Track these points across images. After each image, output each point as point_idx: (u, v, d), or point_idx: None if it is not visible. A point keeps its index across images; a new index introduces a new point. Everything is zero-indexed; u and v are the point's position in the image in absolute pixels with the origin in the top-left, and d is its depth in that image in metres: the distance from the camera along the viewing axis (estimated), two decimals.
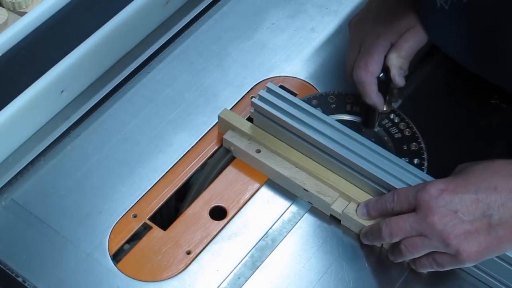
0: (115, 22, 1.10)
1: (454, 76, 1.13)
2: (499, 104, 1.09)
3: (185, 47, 1.16)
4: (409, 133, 1.05)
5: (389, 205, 0.93)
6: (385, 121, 1.06)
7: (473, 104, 1.10)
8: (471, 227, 0.87)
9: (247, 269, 0.96)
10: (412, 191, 0.92)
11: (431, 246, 0.90)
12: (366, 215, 0.96)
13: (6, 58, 1.06)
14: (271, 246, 0.97)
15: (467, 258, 0.88)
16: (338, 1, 1.21)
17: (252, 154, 1.02)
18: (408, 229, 0.90)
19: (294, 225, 0.99)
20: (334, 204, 0.98)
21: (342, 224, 0.99)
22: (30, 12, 1.09)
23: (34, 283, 0.94)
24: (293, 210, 1.00)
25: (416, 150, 1.03)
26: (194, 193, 1.03)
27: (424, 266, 0.93)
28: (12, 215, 0.99)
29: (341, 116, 1.06)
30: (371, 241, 0.96)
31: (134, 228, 0.98)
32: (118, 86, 1.11)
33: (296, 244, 0.98)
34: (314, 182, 0.99)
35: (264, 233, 0.98)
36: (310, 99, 1.07)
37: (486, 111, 1.09)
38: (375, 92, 1.01)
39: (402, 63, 1.01)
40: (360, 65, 1.01)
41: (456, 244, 0.87)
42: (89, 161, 1.04)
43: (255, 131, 1.03)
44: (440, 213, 0.88)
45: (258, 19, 1.19)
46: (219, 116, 1.05)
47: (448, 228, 0.88)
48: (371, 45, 1.01)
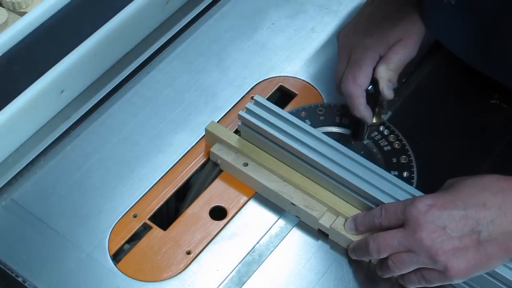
0: (115, 22, 1.10)
1: (454, 76, 1.13)
2: (499, 104, 1.09)
3: (185, 47, 1.16)
4: (399, 146, 1.03)
5: (377, 220, 0.92)
6: (375, 133, 1.05)
7: (473, 104, 1.10)
8: (460, 243, 0.86)
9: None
10: (400, 206, 0.90)
11: (419, 262, 0.88)
12: (354, 229, 0.95)
13: (6, 58, 1.06)
14: (258, 261, 0.96)
15: (455, 275, 0.87)
16: (338, 1, 1.21)
17: (239, 167, 1.00)
18: (396, 245, 0.89)
19: (281, 240, 0.98)
20: (322, 219, 0.97)
21: (330, 239, 0.97)
22: (30, 12, 1.09)
23: (34, 283, 0.94)
24: (281, 225, 0.99)
25: (405, 163, 1.02)
26: (194, 193, 1.03)
27: (413, 282, 0.91)
28: (12, 215, 0.99)
29: (330, 128, 1.05)
30: (359, 257, 0.95)
31: (134, 228, 0.98)
32: (118, 86, 1.11)
33: (296, 244, 0.98)
34: (302, 196, 0.98)
35: (251, 248, 0.96)
36: (298, 111, 1.06)
37: (486, 111, 1.09)
38: (364, 104, 1.01)
39: (391, 76, 1.01)
40: (348, 78, 1.00)
41: (445, 260, 0.86)
42: (89, 161, 1.04)
43: (242, 144, 1.01)
44: (428, 229, 0.87)
45: (258, 19, 1.19)
46: (206, 129, 1.03)
47: (437, 244, 0.86)
48: (360, 58, 1.00)
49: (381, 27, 1.02)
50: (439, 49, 1.13)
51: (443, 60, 1.14)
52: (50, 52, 1.07)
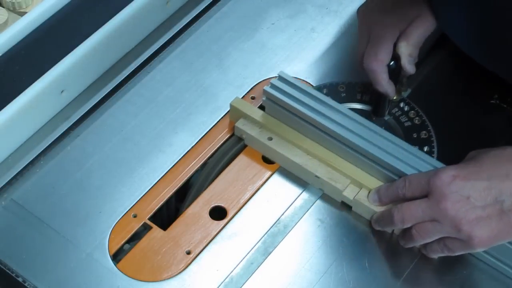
0: (115, 22, 1.10)
1: (454, 76, 1.13)
2: (499, 104, 1.09)
3: (185, 47, 1.16)
4: (419, 121, 1.06)
5: (401, 191, 0.94)
6: (395, 110, 1.07)
7: (473, 104, 1.10)
8: (483, 213, 0.88)
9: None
10: (424, 177, 0.92)
11: (442, 232, 0.91)
12: (378, 201, 0.97)
13: (6, 58, 1.06)
14: (283, 232, 0.98)
15: (478, 244, 0.89)
16: (338, 1, 1.21)
17: (264, 141, 1.03)
18: (420, 215, 0.91)
19: (306, 211, 0.99)
20: (345, 191, 0.99)
21: (353, 211, 0.99)
22: (30, 12, 1.09)
23: (34, 283, 0.94)
24: (305, 197, 1.01)
25: (426, 138, 1.04)
26: (194, 193, 1.03)
27: (435, 251, 0.94)
28: (12, 215, 0.99)
29: (351, 105, 1.08)
30: (382, 227, 0.97)
31: (134, 228, 0.98)
32: (118, 86, 1.11)
33: (296, 244, 0.98)
34: (326, 169, 1.00)
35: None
36: (320, 88, 1.09)
37: (486, 111, 1.09)
38: (386, 80, 1.03)
39: (411, 51, 1.03)
40: (370, 54, 1.03)
41: (468, 229, 0.88)
42: (89, 161, 1.04)
43: (266, 119, 1.03)
44: (452, 199, 0.89)
45: (258, 19, 1.19)
46: (231, 105, 1.05)
47: (460, 214, 0.88)
48: (380, 34, 1.02)
49: (399, 3, 1.03)
50: (439, 50, 1.13)
51: (443, 61, 1.14)
52: (50, 52, 1.07)
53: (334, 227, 0.99)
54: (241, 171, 1.03)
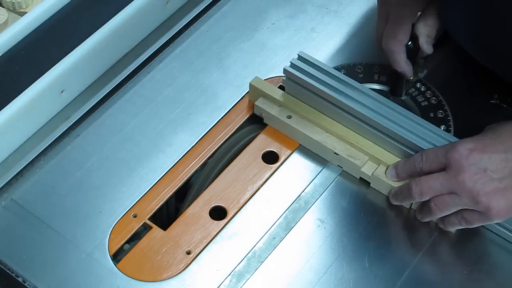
0: (115, 22, 1.10)
1: (454, 76, 1.13)
2: (499, 104, 1.09)
3: (185, 47, 1.16)
4: (435, 101, 1.07)
5: (418, 165, 0.95)
6: (412, 90, 1.08)
7: (473, 104, 1.10)
8: (501, 184, 0.90)
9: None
10: (441, 150, 0.94)
11: (461, 204, 0.92)
12: (395, 176, 0.98)
13: (6, 58, 1.06)
14: (305, 208, 0.99)
15: (496, 215, 0.90)
16: (338, 1, 1.21)
17: (283, 119, 1.04)
18: (439, 187, 0.92)
19: (326, 188, 1.01)
20: (364, 167, 1.01)
21: (372, 187, 1.01)
22: (30, 12, 1.09)
23: (34, 283, 0.94)
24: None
25: (442, 117, 1.05)
26: (194, 193, 1.03)
27: (453, 224, 0.95)
28: (12, 215, 0.99)
29: (369, 85, 1.09)
30: (400, 201, 0.98)
31: (134, 228, 0.98)
32: (118, 86, 1.11)
33: (296, 244, 0.98)
34: (344, 146, 1.02)
35: (297, 196, 0.99)
36: (338, 69, 1.10)
37: (486, 111, 1.09)
38: (404, 59, 1.04)
39: (429, 31, 1.04)
40: (389, 34, 1.04)
41: (486, 201, 0.90)
42: (89, 161, 1.04)
43: (286, 98, 1.06)
44: (470, 171, 0.90)
45: (258, 19, 1.19)
46: (251, 84, 1.07)
47: (478, 186, 0.90)
48: (399, 15, 1.03)
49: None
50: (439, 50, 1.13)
51: (443, 61, 1.14)
52: (50, 52, 1.07)
53: (334, 227, 0.99)
54: (241, 171, 1.03)
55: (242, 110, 1.09)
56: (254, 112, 1.08)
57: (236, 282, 0.95)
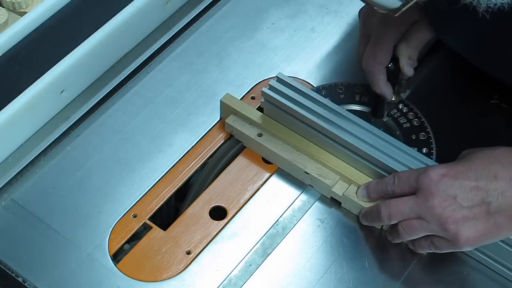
0: (115, 22, 1.10)
1: (454, 77, 1.13)
2: (499, 104, 1.09)
3: (185, 47, 1.16)
4: (418, 123, 1.06)
5: (390, 188, 0.94)
6: (394, 111, 1.07)
7: (473, 104, 1.10)
8: (470, 213, 0.88)
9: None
10: (413, 174, 0.92)
11: (429, 230, 0.91)
12: (366, 197, 0.97)
13: (6, 58, 1.06)
14: (282, 234, 0.98)
15: (464, 243, 0.89)
16: (338, 1, 1.21)
17: (253, 137, 1.03)
18: (407, 212, 0.91)
19: (305, 212, 1.00)
20: (334, 187, 0.99)
21: (343, 207, 1.00)
22: (30, 12, 1.09)
23: (34, 283, 0.94)
24: (304, 198, 1.01)
25: (424, 139, 1.04)
26: (194, 193, 1.03)
27: (422, 248, 0.94)
28: (12, 215, 0.99)
29: (350, 106, 1.07)
30: (370, 222, 0.97)
31: (134, 228, 0.98)
32: (118, 86, 1.11)
33: (296, 244, 0.98)
34: (315, 165, 1.00)
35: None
36: (319, 89, 1.08)
37: (486, 111, 1.09)
38: (384, 81, 1.03)
39: (411, 53, 1.03)
40: (369, 55, 1.03)
41: (454, 228, 0.88)
42: (89, 161, 1.04)
43: (256, 115, 1.04)
44: (440, 197, 0.89)
45: (258, 19, 1.19)
46: (221, 101, 1.05)
47: (447, 213, 0.88)
48: (381, 35, 1.02)
49: None
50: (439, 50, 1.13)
51: (443, 61, 1.14)
52: (50, 52, 1.07)
53: (334, 227, 0.99)
54: (241, 171, 1.03)
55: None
56: (225, 129, 1.06)
57: (236, 282, 0.95)
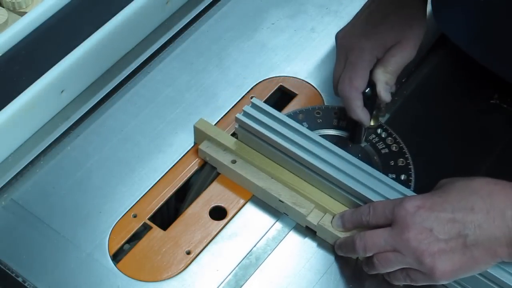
0: (115, 22, 1.10)
1: (454, 77, 1.13)
2: (499, 104, 1.09)
3: (185, 47, 1.16)
4: (396, 149, 1.03)
5: (365, 218, 0.92)
6: (372, 136, 1.04)
7: (473, 104, 1.10)
8: (446, 246, 0.86)
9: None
10: (388, 205, 0.90)
11: (404, 263, 0.88)
12: (341, 226, 0.95)
13: (6, 58, 1.06)
14: (255, 265, 0.96)
15: (440, 276, 0.87)
16: (338, 1, 1.21)
17: (227, 164, 1.00)
18: (382, 244, 0.89)
19: (279, 243, 0.98)
20: (309, 216, 0.97)
21: (318, 236, 0.98)
22: (30, 12, 1.09)
23: (34, 283, 0.94)
24: (278, 228, 0.99)
25: (403, 166, 1.01)
26: (194, 193, 1.03)
27: (398, 280, 0.91)
28: (12, 215, 0.99)
29: (328, 131, 1.05)
30: (345, 253, 0.95)
31: (134, 228, 0.98)
32: (118, 86, 1.11)
33: (296, 244, 0.98)
34: (290, 193, 0.98)
35: (249, 250, 0.96)
36: (296, 113, 1.06)
37: (486, 111, 1.09)
38: (360, 107, 1.00)
39: (388, 78, 1.00)
40: (345, 80, 1.00)
41: (430, 262, 0.86)
42: (89, 161, 1.04)
43: (230, 142, 1.02)
44: (415, 230, 0.87)
45: (258, 19, 1.19)
46: (195, 126, 1.03)
47: (423, 246, 0.86)
48: (357, 60, 1.00)
49: (378, 29, 1.01)
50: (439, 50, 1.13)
51: (443, 61, 1.14)
52: (50, 52, 1.07)
53: None
54: None
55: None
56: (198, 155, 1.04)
57: (236, 282, 0.95)
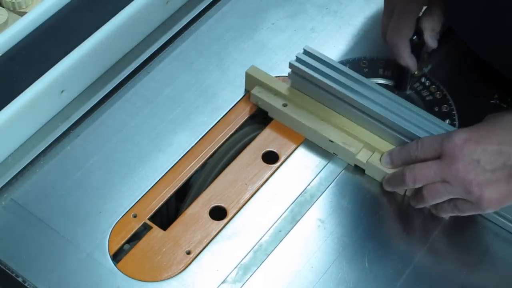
0: (115, 22, 1.10)
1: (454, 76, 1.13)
2: (499, 104, 1.09)
3: (185, 47, 1.16)
4: (440, 96, 1.07)
5: (413, 153, 0.96)
6: (417, 85, 1.09)
7: (473, 104, 1.10)
8: (492, 176, 0.90)
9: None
10: (437, 139, 0.94)
11: (453, 193, 0.93)
12: (390, 163, 0.99)
13: (6, 58, 1.06)
14: (310, 202, 1.00)
15: (487, 205, 0.91)
16: (338, 1, 1.21)
17: (278, 107, 1.05)
18: (432, 175, 0.93)
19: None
20: (359, 154, 1.01)
21: (367, 174, 1.01)
22: (30, 12, 1.09)
23: (34, 283, 0.94)
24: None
25: (447, 111, 1.06)
26: (194, 193, 1.03)
27: (445, 211, 0.96)
28: (12, 215, 0.99)
29: (374, 79, 1.09)
30: (393, 187, 0.99)
31: (134, 228, 0.98)
32: (118, 86, 1.11)
33: (296, 244, 0.98)
34: (339, 134, 1.03)
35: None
36: (343, 63, 1.10)
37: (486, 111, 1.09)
38: (408, 53, 1.04)
39: (434, 26, 1.04)
40: (393, 28, 1.04)
41: (478, 191, 0.91)
42: (89, 161, 1.04)
43: (281, 86, 1.06)
44: (463, 162, 0.91)
45: (258, 19, 1.19)
46: (247, 73, 1.08)
47: (471, 176, 0.90)
48: (404, 9, 1.04)
49: None
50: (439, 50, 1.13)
51: (443, 60, 1.14)
52: (50, 52, 1.07)
53: (334, 227, 0.99)
54: (241, 171, 1.03)
55: (242, 110, 1.09)
56: (250, 100, 1.08)
57: (236, 282, 0.95)
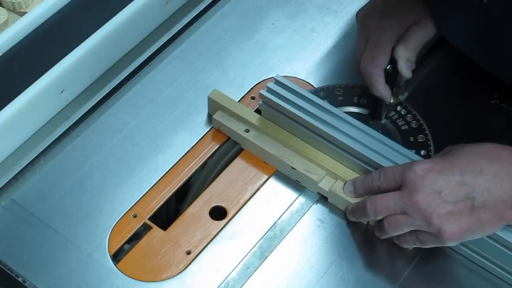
0: (115, 22, 1.10)
1: (454, 77, 1.13)
2: (499, 104, 1.09)
3: (185, 47, 1.16)
4: (416, 125, 1.05)
5: (376, 183, 0.94)
6: (392, 113, 1.07)
7: (473, 104, 1.10)
8: (454, 208, 0.88)
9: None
10: (398, 169, 0.93)
11: (413, 225, 0.91)
12: (353, 192, 0.97)
13: (6, 58, 1.06)
14: (280, 236, 0.98)
15: (448, 238, 0.89)
16: (338, 1, 1.21)
17: (240, 133, 1.03)
18: (392, 207, 0.91)
19: (305, 213, 1.00)
20: (321, 182, 1.00)
21: (329, 202, 1.00)
22: (30, 12, 1.09)
23: (34, 283, 0.94)
24: (301, 201, 1.01)
25: (423, 141, 1.04)
26: (194, 193, 1.03)
27: (407, 242, 0.94)
28: (12, 215, 0.99)
29: (348, 108, 1.07)
30: (356, 218, 0.97)
31: (134, 228, 0.98)
32: (118, 86, 1.11)
33: (296, 244, 0.98)
34: (302, 161, 1.01)
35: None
36: (317, 91, 1.08)
37: (486, 111, 1.09)
38: (382, 84, 1.03)
39: (409, 55, 1.03)
40: (367, 57, 1.03)
41: (438, 223, 0.89)
42: (89, 161, 1.04)
43: (243, 111, 1.05)
44: (424, 192, 0.89)
45: (258, 19, 1.19)
46: (209, 97, 1.06)
47: (431, 208, 0.89)
48: (378, 38, 1.02)
49: (399, 7, 1.04)
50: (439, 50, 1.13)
51: (443, 61, 1.14)
52: (50, 52, 1.07)
53: (334, 227, 0.99)
54: (241, 171, 1.03)
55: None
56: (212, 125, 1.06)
57: (236, 282, 0.95)
